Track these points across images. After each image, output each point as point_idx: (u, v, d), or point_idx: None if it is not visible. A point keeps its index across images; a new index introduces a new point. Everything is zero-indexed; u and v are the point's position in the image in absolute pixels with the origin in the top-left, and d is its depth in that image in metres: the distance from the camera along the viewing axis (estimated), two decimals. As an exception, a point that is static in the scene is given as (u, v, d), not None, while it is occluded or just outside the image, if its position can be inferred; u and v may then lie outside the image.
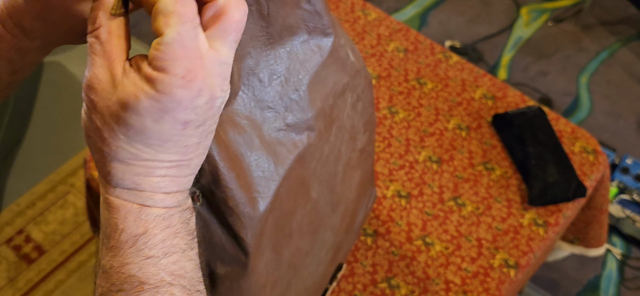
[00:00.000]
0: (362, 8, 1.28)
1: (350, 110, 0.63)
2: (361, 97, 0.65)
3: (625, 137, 1.95)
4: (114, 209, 0.40)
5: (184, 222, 0.41)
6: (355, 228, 0.85)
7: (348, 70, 0.59)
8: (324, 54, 0.54)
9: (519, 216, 0.99)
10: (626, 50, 2.23)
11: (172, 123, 0.36)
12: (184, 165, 0.39)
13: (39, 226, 1.71)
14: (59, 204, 1.75)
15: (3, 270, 1.62)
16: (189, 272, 0.41)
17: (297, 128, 0.54)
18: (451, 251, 0.94)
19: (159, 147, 0.37)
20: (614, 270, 1.67)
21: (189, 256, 0.41)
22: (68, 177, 1.81)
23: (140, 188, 0.39)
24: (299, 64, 0.52)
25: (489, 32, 2.27)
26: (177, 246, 0.40)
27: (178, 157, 0.39)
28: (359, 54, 0.64)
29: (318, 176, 0.61)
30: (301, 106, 0.54)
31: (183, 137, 0.38)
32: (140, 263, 0.39)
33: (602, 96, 2.08)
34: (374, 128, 0.74)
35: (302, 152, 0.55)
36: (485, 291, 0.91)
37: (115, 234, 0.39)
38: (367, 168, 0.78)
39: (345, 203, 0.72)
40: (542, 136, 1.06)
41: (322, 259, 0.73)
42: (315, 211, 0.64)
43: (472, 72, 1.18)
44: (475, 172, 1.04)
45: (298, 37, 0.51)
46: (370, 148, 0.75)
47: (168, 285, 0.39)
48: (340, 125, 0.62)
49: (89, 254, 1.65)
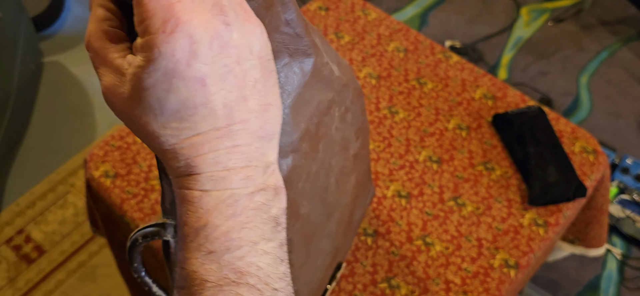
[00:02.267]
0: (362, 8, 1.28)
1: (338, 124, 0.63)
2: (350, 108, 0.65)
3: (625, 137, 1.95)
4: (178, 200, 0.36)
5: (257, 209, 0.36)
6: (354, 227, 0.85)
7: (334, 86, 0.59)
8: (306, 75, 0.53)
9: (519, 216, 0.99)
10: (626, 50, 2.23)
11: (185, 84, 0.32)
12: (238, 130, 0.34)
13: (39, 226, 1.71)
14: (59, 204, 1.75)
15: (3, 270, 1.62)
16: (263, 268, 0.35)
17: (282, 152, 0.54)
18: (451, 251, 0.94)
19: (192, 117, 0.33)
20: (614, 270, 1.67)
21: (263, 249, 0.36)
22: (68, 177, 1.81)
23: (196, 171, 0.34)
24: (281, 89, 0.51)
25: (489, 32, 2.27)
26: (245, 239, 0.35)
27: (223, 122, 0.34)
28: (346, 66, 0.64)
29: (307, 193, 0.60)
30: (285, 130, 0.53)
31: (211, 96, 0.33)
32: (202, 259, 0.35)
33: (602, 96, 2.08)
34: (366, 133, 0.73)
35: (288, 175, 0.55)
36: (486, 292, 0.90)
37: (180, 228, 0.36)
38: (363, 169, 0.78)
39: (340, 209, 0.72)
40: (542, 136, 1.06)
41: (319, 266, 0.73)
42: (308, 225, 0.64)
43: (472, 72, 1.18)
44: (475, 172, 1.04)
45: (280, 62, 0.51)
46: (364, 152, 0.75)
47: (233, 284, 0.34)
48: (329, 140, 0.62)
49: (89, 254, 1.65)
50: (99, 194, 1.00)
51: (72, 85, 2.05)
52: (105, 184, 1.00)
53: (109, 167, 1.02)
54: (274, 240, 0.36)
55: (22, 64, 1.88)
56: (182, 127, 0.33)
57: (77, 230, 1.70)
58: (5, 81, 1.76)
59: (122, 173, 1.01)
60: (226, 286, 0.34)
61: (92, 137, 1.91)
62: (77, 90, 2.04)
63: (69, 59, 2.13)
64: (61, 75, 2.08)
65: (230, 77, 0.33)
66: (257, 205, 0.36)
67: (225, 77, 0.33)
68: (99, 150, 1.04)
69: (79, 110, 1.98)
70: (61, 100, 2.01)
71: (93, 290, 1.59)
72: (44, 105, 1.99)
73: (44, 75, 2.07)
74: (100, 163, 1.02)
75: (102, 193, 0.99)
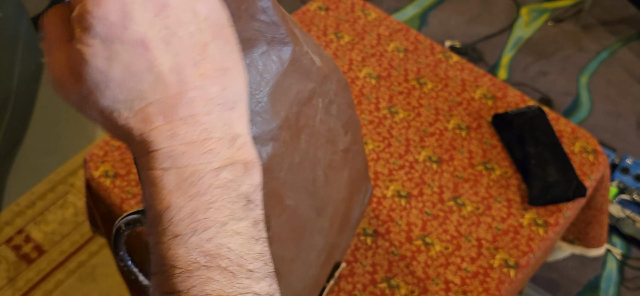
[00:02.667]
0: (362, 8, 1.28)
1: (323, 115, 0.63)
2: (335, 101, 0.65)
3: (625, 137, 1.95)
4: (142, 183, 0.34)
5: (224, 187, 0.33)
6: (351, 226, 0.85)
7: (313, 76, 0.59)
8: (284, 64, 0.54)
9: (519, 216, 0.99)
10: (626, 50, 2.23)
11: (125, 48, 0.31)
12: (193, 97, 0.32)
13: (38, 226, 1.71)
14: (59, 204, 1.75)
15: (3, 269, 1.62)
16: (235, 249, 0.33)
17: (261, 140, 0.54)
18: (451, 251, 0.94)
19: (140, 85, 0.32)
20: (614, 270, 1.67)
21: (233, 230, 0.33)
22: (68, 177, 1.81)
23: (153, 147, 0.32)
24: (259, 76, 0.52)
25: (489, 32, 2.27)
26: (212, 219, 0.33)
27: (174, 88, 0.32)
28: (328, 58, 0.64)
29: (291, 184, 0.61)
30: (264, 118, 0.54)
31: (155, 59, 0.32)
32: (168, 243, 0.33)
33: (602, 96, 2.08)
34: (356, 127, 0.73)
35: (268, 163, 0.55)
36: (485, 292, 0.90)
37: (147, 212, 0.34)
38: (357, 166, 0.78)
39: (333, 205, 0.72)
40: (542, 136, 1.06)
41: (312, 262, 0.73)
42: (296, 218, 0.64)
43: (472, 72, 1.18)
44: (475, 172, 1.04)
45: (257, 49, 0.51)
46: (356, 148, 0.75)
47: (203, 269, 0.32)
48: (312, 131, 0.62)
49: (89, 254, 1.65)
50: (99, 194, 1.00)
51: (72, 85, 2.05)
52: (105, 184, 1.00)
53: (108, 167, 1.02)
54: (246, 219, 0.34)
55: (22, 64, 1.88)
56: (131, 97, 0.32)
57: (77, 230, 1.70)
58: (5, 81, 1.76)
59: (121, 173, 1.01)
60: (196, 271, 0.32)
61: (92, 137, 1.91)
62: (77, 90, 2.04)
63: (69, 58, 2.13)
64: (61, 75, 2.08)
65: (174, 40, 0.32)
66: (223, 183, 0.33)
67: (169, 40, 0.32)
68: (98, 150, 1.04)
69: (79, 110, 1.98)
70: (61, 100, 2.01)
71: (93, 290, 1.59)
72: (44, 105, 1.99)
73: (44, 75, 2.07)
74: (100, 163, 1.02)
75: (102, 193, 0.99)
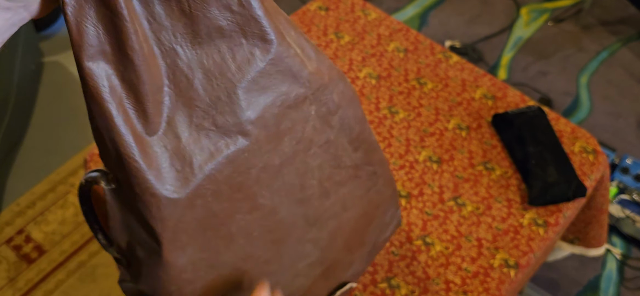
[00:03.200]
0: (362, 8, 1.28)
1: (318, 124, 0.62)
2: (336, 112, 0.64)
3: (625, 137, 1.95)
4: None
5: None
6: (367, 250, 0.81)
7: (303, 81, 0.58)
8: (263, 61, 0.54)
9: (519, 216, 0.99)
10: (626, 50, 2.23)
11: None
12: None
13: (39, 226, 1.71)
14: (59, 204, 1.75)
15: (3, 270, 1.62)
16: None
17: (227, 130, 0.54)
18: (451, 251, 0.94)
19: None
20: (613, 270, 1.67)
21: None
22: (68, 177, 1.81)
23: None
24: (235, 67, 0.53)
25: (489, 32, 2.27)
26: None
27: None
28: (332, 68, 0.63)
29: (268, 185, 0.60)
30: (232, 109, 0.54)
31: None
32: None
33: (602, 96, 2.08)
34: (371, 148, 0.71)
35: (233, 156, 0.55)
36: (485, 291, 0.91)
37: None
38: (378, 189, 0.75)
39: (336, 220, 0.70)
40: (542, 136, 1.06)
41: (300, 271, 0.71)
42: (275, 221, 0.63)
43: (472, 72, 1.18)
44: (475, 172, 1.04)
45: (231, 40, 0.52)
46: (374, 169, 0.72)
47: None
48: (301, 137, 0.61)
49: (89, 254, 1.66)
50: (99, 194, 1.00)
51: (72, 85, 2.05)
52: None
53: (109, 167, 1.02)
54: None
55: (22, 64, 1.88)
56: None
57: (77, 230, 1.70)
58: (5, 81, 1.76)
59: (122, 173, 1.01)
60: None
61: (92, 137, 1.91)
62: (77, 90, 2.04)
63: (69, 59, 2.13)
64: (61, 75, 2.08)
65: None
66: None
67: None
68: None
69: (79, 110, 1.98)
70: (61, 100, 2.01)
71: (93, 289, 1.60)
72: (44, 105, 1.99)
73: (44, 75, 2.07)
74: (100, 163, 1.02)
75: (102, 193, 0.99)
